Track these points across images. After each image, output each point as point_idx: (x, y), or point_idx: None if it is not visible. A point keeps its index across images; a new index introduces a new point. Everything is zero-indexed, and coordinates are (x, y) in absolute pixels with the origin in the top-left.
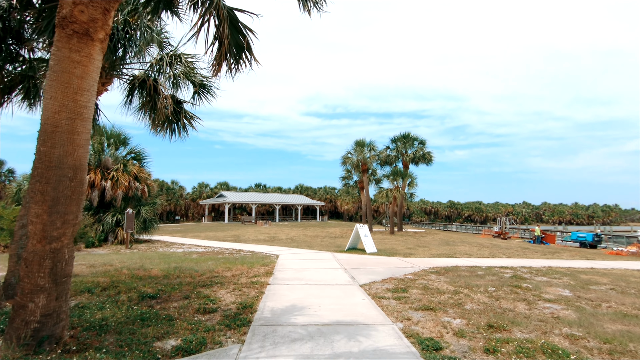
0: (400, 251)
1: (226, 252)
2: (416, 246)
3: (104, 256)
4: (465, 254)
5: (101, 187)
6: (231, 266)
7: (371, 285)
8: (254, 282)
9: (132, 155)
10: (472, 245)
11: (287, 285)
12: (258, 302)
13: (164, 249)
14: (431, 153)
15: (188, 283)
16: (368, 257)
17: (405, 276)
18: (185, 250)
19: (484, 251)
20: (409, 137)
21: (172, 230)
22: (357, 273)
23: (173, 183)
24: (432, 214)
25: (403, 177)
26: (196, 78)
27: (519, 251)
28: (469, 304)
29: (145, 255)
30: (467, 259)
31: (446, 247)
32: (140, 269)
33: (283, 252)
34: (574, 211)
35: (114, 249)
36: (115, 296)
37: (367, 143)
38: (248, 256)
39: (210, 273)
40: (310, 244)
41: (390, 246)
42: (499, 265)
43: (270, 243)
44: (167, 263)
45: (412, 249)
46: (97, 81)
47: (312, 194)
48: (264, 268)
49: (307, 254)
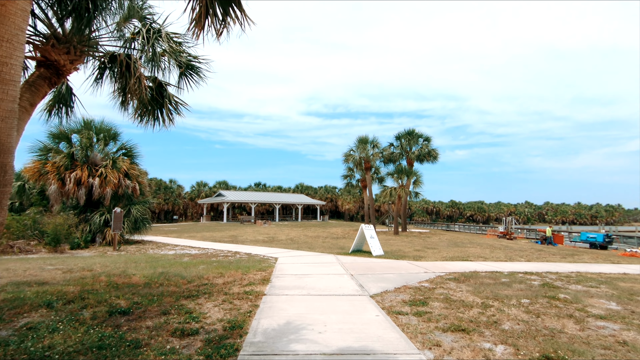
0: (409, 254)
1: (221, 254)
2: (424, 248)
3: (86, 259)
4: (479, 256)
5: (88, 185)
6: (224, 272)
7: (383, 295)
8: (248, 292)
9: (123, 152)
10: (482, 247)
11: (286, 296)
12: (250, 320)
13: (154, 251)
14: (437, 150)
15: (171, 293)
16: (375, 261)
17: (420, 284)
18: (177, 252)
19: (498, 253)
20: (413, 133)
21: (168, 230)
22: (366, 280)
23: (171, 182)
24: (434, 214)
25: (408, 175)
26: (182, 57)
27: (533, 253)
28: (506, 321)
29: (132, 259)
30: (483, 262)
31: (456, 248)
32: (121, 275)
33: (282, 254)
34: (577, 211)
35: (101, 251)
36: (78, 312)
37: (370, 140)
38: (244, 259)
39: (199, 280)
40: (311, 246)
41: (397, 248)
42: (521, 271)
43: (269, 244)
44: (154, 268)
45: (421, 251)
46: (24, 31)
47: (313, 193)
48: (261, 274)
49: (308, 256)
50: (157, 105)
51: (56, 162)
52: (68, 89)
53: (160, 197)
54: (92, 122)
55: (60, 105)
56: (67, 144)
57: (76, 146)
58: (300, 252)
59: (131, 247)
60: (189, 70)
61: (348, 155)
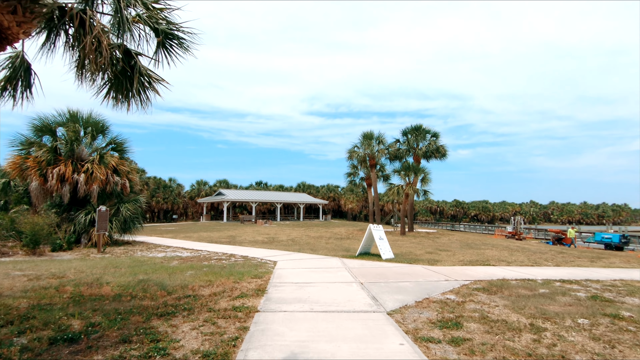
0: (421, 257)
1: (215, 257)
2: (436, 250)
3: (63, 263)
4: (500, 260)
5: (73, 181)
6: (213, 279)
7: (404, 312)
8: (238, 308)
9: (113, 146)
10: (498, 249)
11: (284, 313)
12: (234, 353)
13: (142, 253)
14: (445, 147)
15: (143, 310)
16: (386, 265)
17: (445, 296)
18: (167, 255)
19: (518, 256)
20: (421, 129)
21: (165, 230)
22: (379, 290)
23: (171, 181)
24: (438, 213)
25: (416, 172)
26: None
27: (556, 256)
28: (575, 354)
29: (114, 263)
30: (507, 268)
31: (470, 250)
32: (92, 283)
33: (282, 257)
34: (583, 210)
35: (84, 253)
36: (10, 340)
37: (375, 135)
38: (239, 263)
39: (182, 291)
40: (314, 247)
41: (406, 250)
42: (555, 278)
43: (269, 246)
44: (134, 274)
45: (434, 254)
46: None
47: (315, 192)
48: (256, 282)
49: (311, 260)
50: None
51: (38, 157)
52: (24, 62)
53: (159, 196)
54: (79, 114)
55: (14, 83)
56: (52, 137)
57: (61, 140)
58: (301, 255)
59: (118, 249)
60: (168, 40)
61: (352, 151)
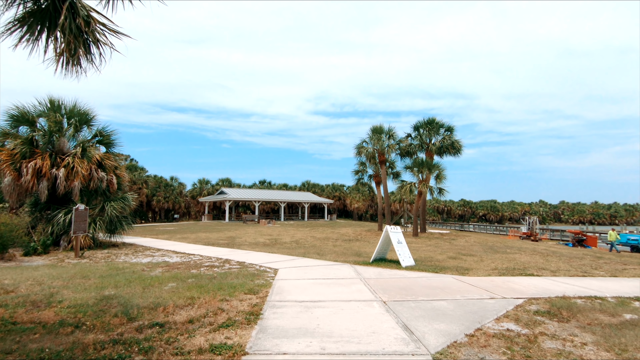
0: (446, 263)
1: (207, 263)
2: (459, 254)
3: (26, 271)
4: (539, 268)
5: (52, 177)
6: (197, 295)
7: (457, 356)
8: (217, 349)
9: (99, 139)
10: (528, 253)
11: (284, 356)
12: None
13: (126, 258)
14: (460, 142)
15: (81, 351)
16: (408, 275)
17: (502, 325)
18: (153, 260)
19: (556, 263)
20: (434, 123)
21: (162, 231)
22: (410, 314)
23: (172, 179)
24: (445, 213)
25: (430, 168)
26: None
27: (597, 261)
28: None
29: (86, 271)
30: (556, 279)
31: (497, 255)
32: (41, 302)
33: (285, 264)
34: (594, 210)
35: (59, 258)
36: None
37: (385, 130)
38: (233, 272)
39: (150, 315)
40: (320, 250)
41: (425, 254)
42: (630, 295)
43: (270, 249)
44: (100, 288)
45: (458, 259)
46: None
47: (320, 191)
48: (249, 300)
49: (318, 268)
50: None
51: (11, 149)
52: None
53: (160, 195)
54: (61, 102)
55: None
56: (30, 128)
57: (40, 131)
58: (307, 262)
59: (101, 253)
60: None
61: (360, 147)
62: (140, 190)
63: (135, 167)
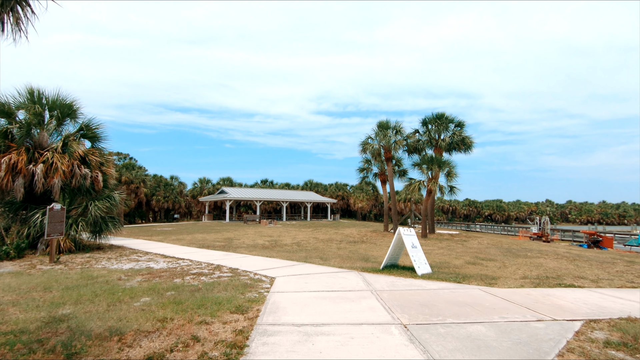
0: (465, 269)
1: (195, 269)
2: (476, 259)
3: None
4: (575, 276)
5: (29, 174)
6: (170, 316)
7: None
8: None
9: (83, 132)
10: (551, 257)
11: None
12: None
13: (106, 264)
14: (471, 138)
15: None
16: (427, 286)
17: None
18: (134, 266)
19: (588, 269)
20: (443, 118)
21: (158, 231)
22: (443, 346)
23: (172, 178)
24: (450, 213)
25: (441, 165)
26: None
27: (629, 266)
28: None
29: (52, 281)
30: (602, 291)
31: (519, 260)
32: None
33: (283, 271)
34: (602, 210)
35: (31, 264)
36: None
37: (392, 125)
38: (222, 282)
39: (98, 348)
40: (323, 254)
41: (440, 259)
42: None
43: (269, 252)
44: (56, 305)
45: (478, 265)
46: None
47: (323, 190)
48: (235, 323)
49: (321, 276)
50: None
51: None
52: None
53: (159, 195)
54: (42, 93)
55: None
56: (7, 120)
57: (19, 123)
58: (308, 268)
59: (81, 257)
60: None
61: (365, 143)
62: (138, 189)
63: (133, 165)
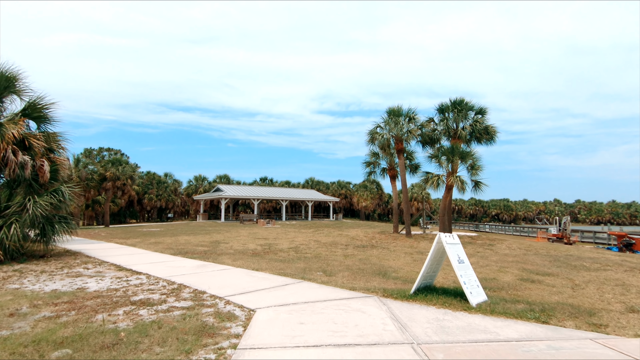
0: (528, 293)
1: (141, 295)
2: (527, 272)
3: None
4: None
5: None
6: None
7: None
8: None
9: (28, 112)
10: (620, 270)
11: None
12: None
13: (29, 281)
14: (494, 127)
15: None
16: (501, 334)
17: None
18: (67, 285)
19: None
20: (463, 104)
21: (140, 233)
22: None
23: (166, 176)
24: (455, 212)
25: (464, 156)
26: None
27: None
28: None
29: None
30: None
31: (586, 274)
32: None
33: (270, 295)
34: (613, 209)
35: None
36: None
37: (404, 112)
38: (168, 322)
39: None
40: (327, 264)
41: (480, 273)
42: None
43: (259, 261)
44: None
45: (537, 283)
46: None
47: (324, 189)
48: None
49: (324, 308)
50: None
51: None
52: None
53: (152, 193)
54: None
55: None
56: None
57: None
58: (306, 290)
59: (5, 270)
60: None
61: (374, 132)
62: (125, 186)
63: (120, 161)
